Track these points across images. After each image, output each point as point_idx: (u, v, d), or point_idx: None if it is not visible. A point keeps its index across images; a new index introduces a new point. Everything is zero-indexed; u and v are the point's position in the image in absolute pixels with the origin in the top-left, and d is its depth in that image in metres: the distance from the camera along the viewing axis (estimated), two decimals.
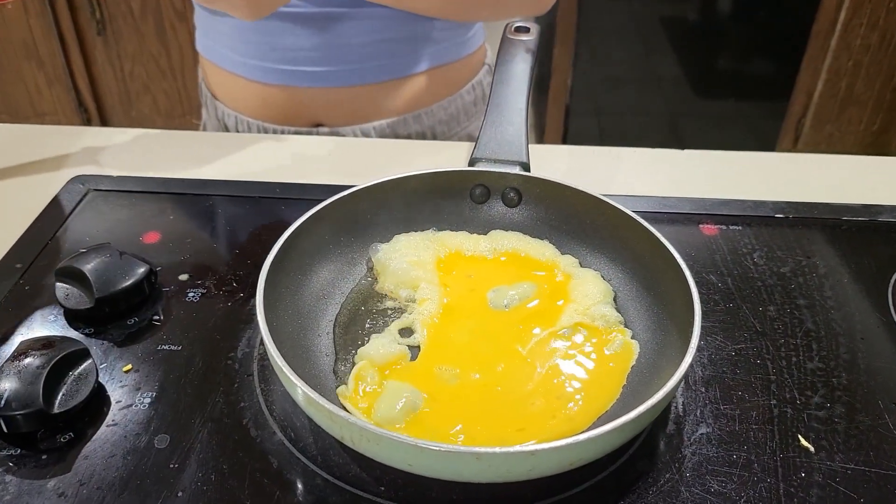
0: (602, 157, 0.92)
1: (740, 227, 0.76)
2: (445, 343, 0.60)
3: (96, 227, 0.76)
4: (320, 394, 0.48)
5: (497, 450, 0.45)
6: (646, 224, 0.62)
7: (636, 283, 0.64)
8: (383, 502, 0.51)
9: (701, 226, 0.77)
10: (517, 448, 0.46)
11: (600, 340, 0.60)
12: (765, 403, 0.58)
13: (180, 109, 2.39)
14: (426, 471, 0.48)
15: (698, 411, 0.57)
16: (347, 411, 0.54)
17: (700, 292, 0.56)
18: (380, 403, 0.54)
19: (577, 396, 0.56)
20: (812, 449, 0.54)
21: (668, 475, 0.52)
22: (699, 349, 0.62)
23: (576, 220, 0.69)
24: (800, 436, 0.55)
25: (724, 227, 0.76)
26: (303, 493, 0.51)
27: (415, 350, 0.59)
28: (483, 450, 0.45)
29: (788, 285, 0.69)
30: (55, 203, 0.78)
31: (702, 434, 0.55)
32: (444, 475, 0.49)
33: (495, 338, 0.60)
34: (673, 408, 0.57)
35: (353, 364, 0.58)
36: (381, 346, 0.58)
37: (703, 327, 0.63)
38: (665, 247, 0.60)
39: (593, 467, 0.52)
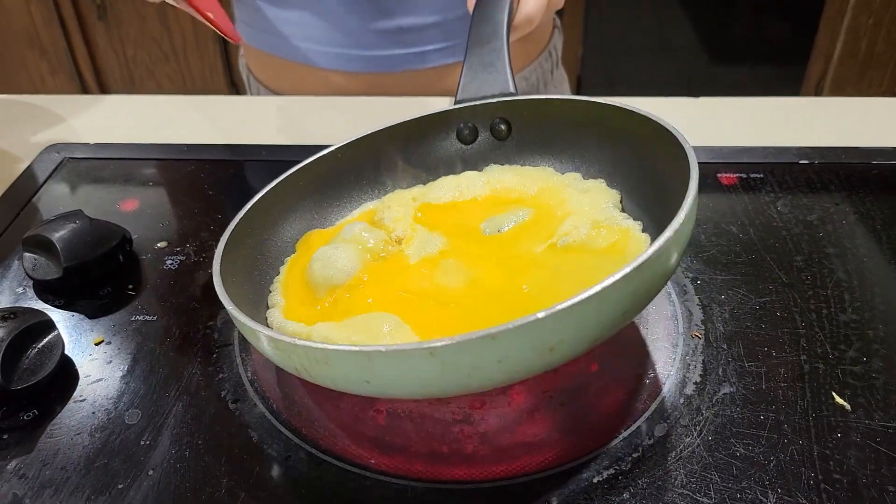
0: None
1: (762, 175, 0.70)
2: (435, 275, 0.53)
3: (71, 196, 0.71)
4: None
5: (455, 339, 0.35)
6: (640, 110, 0.56)
7: (642, 184, 0.57)
8: (372, 476, 0.46)
9: (719, 175, 0.71)
10: (481, 332, 0.36)
11: (609, 239, 0.52)
12: (794, 359, 0.52)
13: (184, 92, 2.35)
14: (388, 387, 0.40)
15: (720, 370, 0.52)
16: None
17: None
18: (354, 328, 0.47)
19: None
20: (848, 407, 0.49)
21: (688, 439, 0.47)
22: (719, 304, 0.57)
23: (572, 133, 0.62)
24: (834, 393, 0.50)
25: (743, 176, 0.70)
26: (285, 469, 0.47)
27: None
28: (438, 343, 0.35)
29: (816, 234, 0.63)
30: (28, 172, 0.74)
31: (725, 394, 0.50)
32: (408, 391, 0.41)
33: (491, 259, 0.53)
34: (692, 367, 0.52)
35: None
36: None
37: (723, 280, 0.58)
38: (663, 127, 0.53)
39: (602, 432, 0.47)
